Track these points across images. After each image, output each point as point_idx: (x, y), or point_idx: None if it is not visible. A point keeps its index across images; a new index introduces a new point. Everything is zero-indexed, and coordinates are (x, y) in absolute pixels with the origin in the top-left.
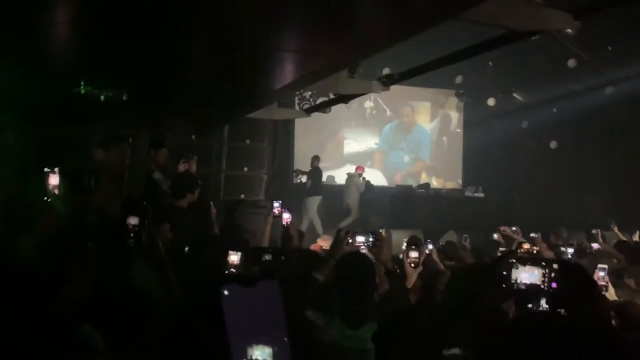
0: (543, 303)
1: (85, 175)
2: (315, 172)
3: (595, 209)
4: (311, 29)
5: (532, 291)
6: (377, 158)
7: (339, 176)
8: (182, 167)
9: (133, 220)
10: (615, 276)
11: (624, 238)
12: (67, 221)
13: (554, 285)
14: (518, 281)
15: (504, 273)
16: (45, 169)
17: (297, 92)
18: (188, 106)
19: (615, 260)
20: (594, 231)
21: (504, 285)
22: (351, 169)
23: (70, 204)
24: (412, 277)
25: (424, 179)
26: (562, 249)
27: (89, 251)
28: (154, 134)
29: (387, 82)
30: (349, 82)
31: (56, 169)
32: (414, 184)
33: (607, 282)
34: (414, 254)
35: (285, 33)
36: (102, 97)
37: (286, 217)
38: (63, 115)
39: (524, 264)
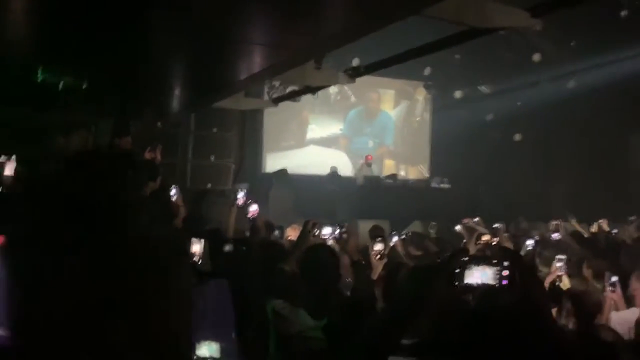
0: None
1: (43, 163)
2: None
3: (556, 200)
4: (275, 22)
5: (485, 288)
6: (342, 143)
7: (305, 160)
8: (148, 156)
9: None
10: (571, 267)
11: (580, 229)
12: None
13: (504, 282)
14: (471, 280)
15: (457, 271)
16: (1, 158)
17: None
18: (151, 94)
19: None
20: (554, 222)
21: (457, 283)
22: (316, 150)
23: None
24: (377, 268)
25: (387, 164)
26: (528, 241)
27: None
28: (117, 122)
29: (353, 74)
30: (315, 74)
31: (13, 157)
32: (378, 170)
33: (563, 273)
34: (378, 246)
35: (249, 25)
36: (61, 85)
37: (253, 209)
38: (21, 101)
39: (477, 264)
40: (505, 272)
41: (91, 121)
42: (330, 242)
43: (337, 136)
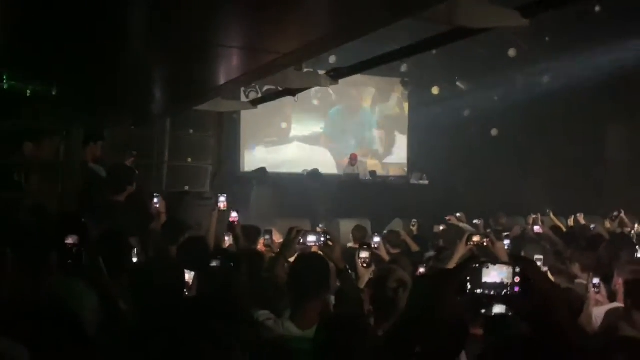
0: (497, 309)
1: (14, 171)
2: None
3: (532, 194)
4: (255, 26)
5: (496, 294)
6: (323, 141)
7: (285, 158)
8: (129, 163)
9: (71, 239)
10: (554, 261)
11: (559, 224)
12: None
13: (516, 289)
14: (489, 279)
15: (469, 278)
16: None
17: None
18: (124, 100)
19: (548, 247)
20: (533, 216)
21: (467, 292)
22: (297, 148)
23: None
24: (365, 277)
25: (369, 163)
26: (505, 241)
27: (6, 257)
28: (89, 126)
29: (336, 75)
30: (295, 76)
31: None
32: (363, 168)
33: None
34: (364, 254)
35: (228, 29)
36: (29, 91)
37: (233, 216)
38: None
39: (494, 264)
40: (517, 279)
41: (62, 127)
42: (314, 249)
43: (318, 134)
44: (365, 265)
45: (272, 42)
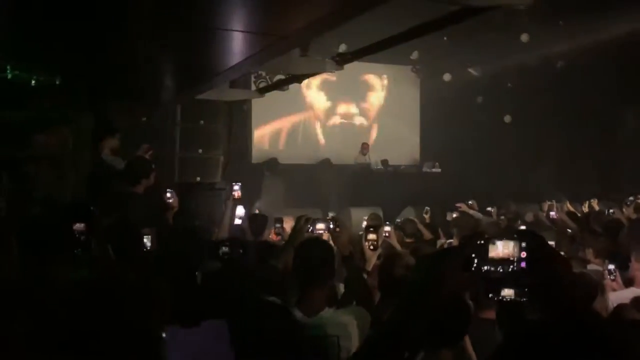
0: (505, 292)
1: (24, 163)
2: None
3: (546, 181)
4: (257, 7)
5: (503, 271)
6: (334, 131)
7: (296, 148)
8: (149, 156)
9: (79, 227)
10: (569, 246)
11: (575, 210)
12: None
13: (522, 265)
14: (494, 254)
15: (472, 256)
16: None
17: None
18: (130, 87)
19: (569, 231)
20: (549, 203)
21: (473, 269)
22: (307, 137)
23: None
24: (372, 260)
25: (380, 152)
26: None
27: (12, 246)
28: (99, 117)
29: (341, 60)
30: (301, 62)
31: None
32: (373, 159)
33: None
34: (372, 236)
35: (230, 12)
36: (33, 81)
37: (240, 213)
38: None
39: (500, 239)
40: (524, 254)
41: (70, 116)
42: (323, 236)
43: (329, 124)
44: (372, 247)
45: (271, 24)
